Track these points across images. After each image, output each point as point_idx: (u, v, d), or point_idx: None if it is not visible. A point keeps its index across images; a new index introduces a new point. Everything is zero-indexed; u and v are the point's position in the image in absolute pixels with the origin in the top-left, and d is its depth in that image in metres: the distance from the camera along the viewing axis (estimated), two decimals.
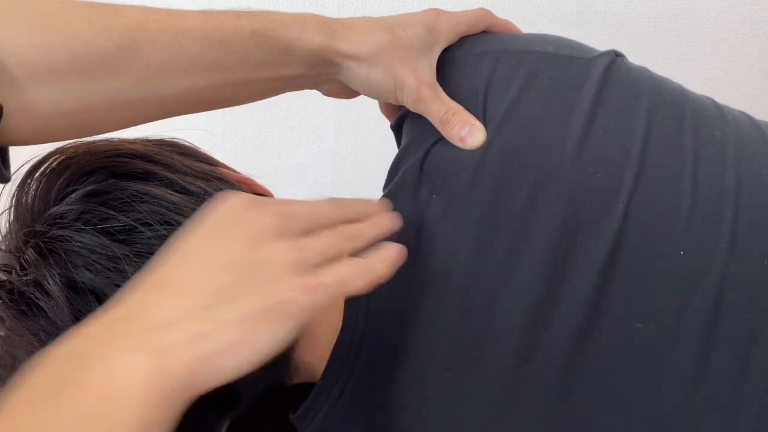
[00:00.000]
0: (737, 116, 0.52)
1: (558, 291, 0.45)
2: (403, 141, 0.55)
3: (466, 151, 0.50)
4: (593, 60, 0.52)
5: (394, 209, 0.49)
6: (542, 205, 0.46)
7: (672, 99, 0.51)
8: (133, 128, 0.48)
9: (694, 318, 0.43)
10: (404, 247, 0.40)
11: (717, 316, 0.43)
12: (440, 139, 0.51)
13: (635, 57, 0.53)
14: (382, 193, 0.53)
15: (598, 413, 0.43)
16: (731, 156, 0.48)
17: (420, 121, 0.52)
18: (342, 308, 0.48)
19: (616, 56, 0.53)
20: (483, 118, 0.50)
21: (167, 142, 0.53)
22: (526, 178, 0.47)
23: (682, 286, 0.44)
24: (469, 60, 0.54)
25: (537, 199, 0.46)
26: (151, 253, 0.45)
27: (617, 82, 0.50)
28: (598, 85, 0.50)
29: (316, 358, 0.49)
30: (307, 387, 0.50)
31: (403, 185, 0.51)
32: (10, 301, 0.45)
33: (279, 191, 0.58)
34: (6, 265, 0.47)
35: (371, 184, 0.53)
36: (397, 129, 0.57)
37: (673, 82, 0.53)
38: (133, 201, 0.45)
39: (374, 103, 0.63)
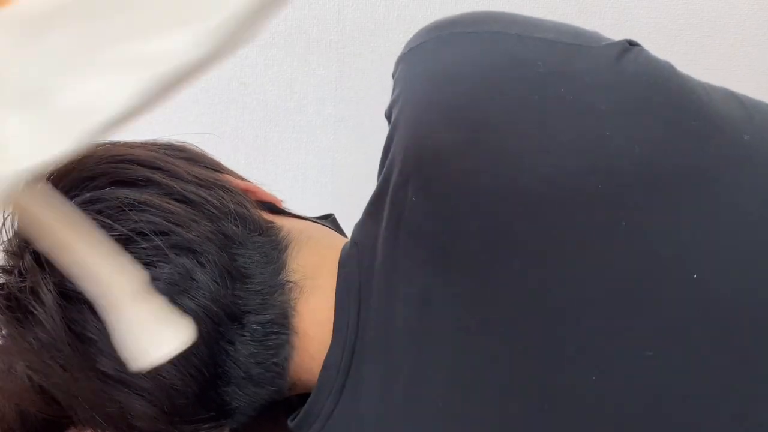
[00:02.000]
0: (765, 115, 0.47)
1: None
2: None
3: (445, 140, 0.45)
4: (601, 49, 0.47)
5: (377, 214, 0.47)
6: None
7: (695, 98, 0.45)
8: (137, 131, 0.48)
9: None
10: None
11: None
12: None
13: None
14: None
15: None
16: (762, 164, 0.43)
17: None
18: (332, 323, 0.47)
19: (630, 45, 0.48)
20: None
21: (174, 146, 0.52)
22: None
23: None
24: (459, 39, 0.50)
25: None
26: (148, 264, 0.44)
27: (628, 74, 0.46)
28: (605, 77, 0.45)
29: (311, 375, 0.48)
30: (307, 396, 0.49)
31: (383, 188, 0.48)
32: (7, 308, 0.45)
33: (279, 191, 0.58)
34: (8, 266, 0.47)
35: (371, 184, 0.52)
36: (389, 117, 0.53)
37: (694, 81, 0.48)
38: (130, 210, 0.44)
39: (374, 103, 0.63)
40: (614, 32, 0.98)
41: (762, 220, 0.41)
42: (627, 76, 0.45)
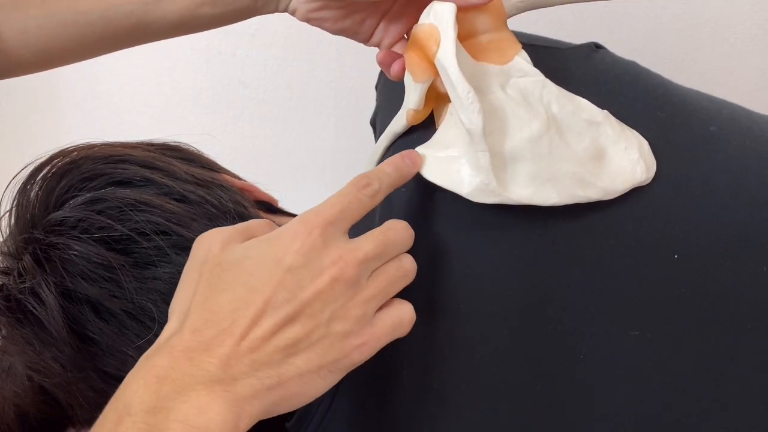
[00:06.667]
0: (734, 111, 0.50)
1: None
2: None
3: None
4: (571, 50, 0.50)
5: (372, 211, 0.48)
6: None
7: (661, 92, 0.48)
8: (137, 131, 0.48)
9: None
10: None
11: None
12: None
13: (635, 57, 0.53)
14: None
15: None
16: (724, 155, 0.46)
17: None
18: None
19: (596, 47, 0.51)
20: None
21: (170, 146, 0.52)
22: None
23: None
24: None
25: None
26: (148, 263, 0.45)
27: (597, 70, 0.48)
28: (577, 73, 0.48)
29: None
30: None
31: None
32: (7, 309, 0.45)
33: (279, 192, 0.58)
34: (6, 267, 0.47)
35: None
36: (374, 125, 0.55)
37: (662, 77, 0.51)
38: (131, 210, 0.45)
39: (374, 103, 0.63)
40: (614, 31, 0.98)
41: (733, 207, 0.43)
42: (596, 72, 0.48)
